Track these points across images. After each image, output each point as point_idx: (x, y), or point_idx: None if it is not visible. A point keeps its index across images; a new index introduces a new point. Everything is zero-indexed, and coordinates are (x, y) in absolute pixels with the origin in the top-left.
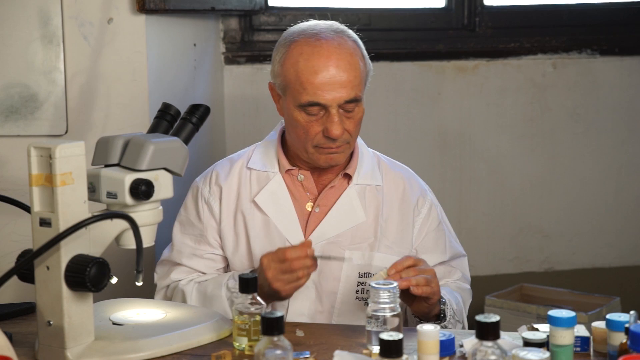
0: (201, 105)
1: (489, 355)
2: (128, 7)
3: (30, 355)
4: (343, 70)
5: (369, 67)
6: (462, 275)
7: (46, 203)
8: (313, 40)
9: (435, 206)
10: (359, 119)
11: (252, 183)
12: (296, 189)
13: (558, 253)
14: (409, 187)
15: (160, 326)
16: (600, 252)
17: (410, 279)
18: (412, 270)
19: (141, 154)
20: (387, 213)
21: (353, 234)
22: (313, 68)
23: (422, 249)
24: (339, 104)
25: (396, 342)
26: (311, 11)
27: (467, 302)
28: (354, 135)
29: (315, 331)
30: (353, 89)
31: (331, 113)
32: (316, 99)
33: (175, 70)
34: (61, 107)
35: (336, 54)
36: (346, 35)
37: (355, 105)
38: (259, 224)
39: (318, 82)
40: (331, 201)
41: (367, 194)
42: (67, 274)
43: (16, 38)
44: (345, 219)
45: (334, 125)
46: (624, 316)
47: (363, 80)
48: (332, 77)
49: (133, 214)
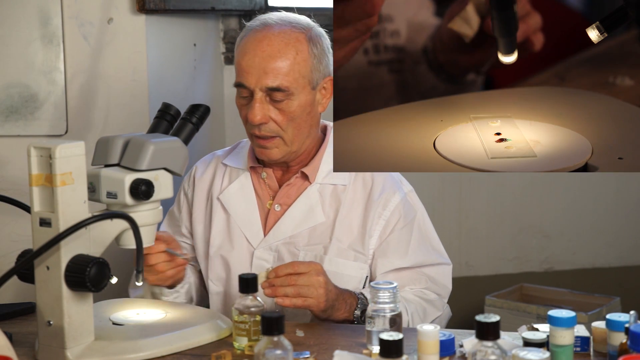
0: (201, 105)
1: (489, 355)
2: (128, 7)
3: (30, 355)
4: (270, 56)
5: (322, 66)
6: (431, 284)
7: (46, 203)
8: (259, 27)
9: (407, 207)
10: (291, 113)
11: (225, 179)
12: (260, 187)
13: (558, 253)
14: (376, 186)
15: (160, 326)
16: (600, 252)
17: (278, 288)
18: (290, 278)
19: (141, 154)
20: (347, 215)
21: (310, 235)
22: (244, 49)
23: (380, 253)
24: (261, 88)
25: (396, 342)
26: (311, 11)
27: (427, 313)
28: (288, 131)
29: (315, 331)
30: (278, 77)
31: (253, 97)
32: (241, 80)
33: (175, 70)
34: (61, 107)
35: (268, 39)
36: (300, 27)
37: (285, 96)
38: (221, 221)
39: (244, 63)
40: (292, 199)
41: (329, 193)
42: (67, 274)
43: (16, 38)
44: (303, 219)
45: (252, 109)
46: (624, 316)
47: (301, 74)
48: (259, 60)
49: (133, 214)
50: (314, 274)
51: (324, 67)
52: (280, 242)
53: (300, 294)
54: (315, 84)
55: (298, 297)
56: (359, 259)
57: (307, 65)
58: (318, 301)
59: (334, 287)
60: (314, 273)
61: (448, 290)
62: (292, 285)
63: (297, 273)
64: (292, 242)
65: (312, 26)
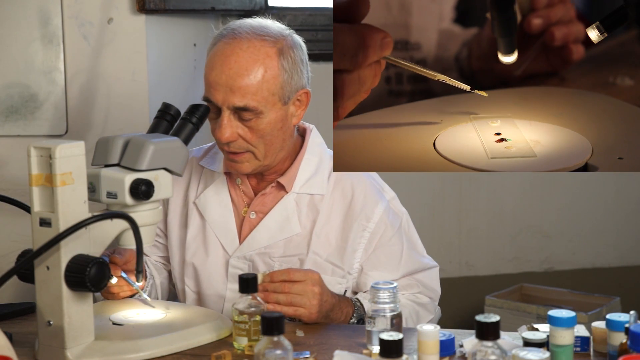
0: (201, 105)
1: (489, 355)
2: (128, 7)
3: (30, 355)
4: (237, 74)
5: (294, 80)
6: (424, 288)
7: (46, 203)
8: (228, 37)
9: (392, 215)
10: (260, 131)
11: (201, 182)
12: (236, 193)
13: (558, 253)
14: (357, 197)
15: (160, 326)
16: (600, 252)
17: (271, 294)
18: (284, 285)
19: (141, 154)
20: (325, 226)
21: (286, 245)
22: (211, 63)
23: (370, 266)
24: (229, 107)
25: (396, 342)
26: (311, 11)
27: (421, 316)
28: (259, 147)
29: (315, 331)
30: (245, 97)
31: (221, 115)
32: (208, 96)
33: (175, 70)
34: (61, 107)
35: (236, 55)
36: (271, 39)
37: (254, 115)
38: (197, 226)
39: (211, 79)
40: (268, 207)
41: (306, 203)
42: (67, 274)
43: (16, 38)
44: (278, 229)
45: (220, 128)
46: (624, 316)
47: (270, 92)
48: (225, 78)
49: (133, 214)
50: (310, 283)
51: (296, 80)
52: (254, 252)
53: (292, 302)
54: (286, 99)
55: (290, 305)
56: (336, 273)
57: (276, 82)
58: (310, 312)
59: (330, 297)
60: (309, 282)
61: (438, 293)
62: (285, 293)
63: (292, 281)
64: (267, 253)
65: (285, 36)
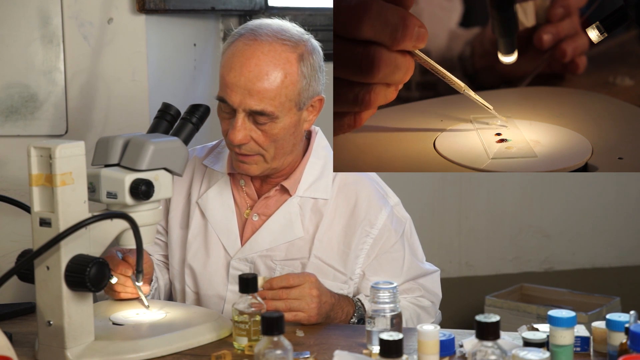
0: (201, 105)
1: (489, 355)
2: (128, 7)
3: (30, 355)
4: (257, 77)
5: (311, 87)
6: (425, 292)
7: (46, 203)
8: (247, 38)
9: (395, 222)
10: (274, 135)
11: (204, 182)
12: (239, 194)
13: (558, 253)
14: (360, 202)
15: (160, 326)
16: (600, 252)
17: (269, 302)
18: (282, 292)
19: (141, 154)
20: (328, 231)
21: (288, 249)
22: (230, 64)
23: (372, 272)
24: (244, 109)
25: (396, 342)
26: (311, 11)
27: (422, 319)
28: (270, 150)
29: (315, 331)
30: (262, 101)
31: (236, 117)
32: (224, 96)
33: (175, 70)
34: (61, 107)
35: (257, 58)
36: (292, 44)
37: (269, 119)
38: (199, 226)
39: (229, 80)
40: (271, 210)
41: (310, 207)
42: (67, 274)
43: (16, 38)
44: (281, 232)
45: (233, 130)
46: (624, 316)
47: (288, 98)
48: (245, 81)
49: (133, 214)
50: (307, 287)
51: (314, 87)
52: (256, 254)
53: (291, 308)
54: (302, 105)
55: (289, 311)
56: (337, 279)
57: (295, 89)
58: (309, 315)
59: (329, 298)
60: (307, 286)
61: (439, 297)
62: (284, 300)
63: (290, 286)
64: (268, 256)
65: (305, 40)
